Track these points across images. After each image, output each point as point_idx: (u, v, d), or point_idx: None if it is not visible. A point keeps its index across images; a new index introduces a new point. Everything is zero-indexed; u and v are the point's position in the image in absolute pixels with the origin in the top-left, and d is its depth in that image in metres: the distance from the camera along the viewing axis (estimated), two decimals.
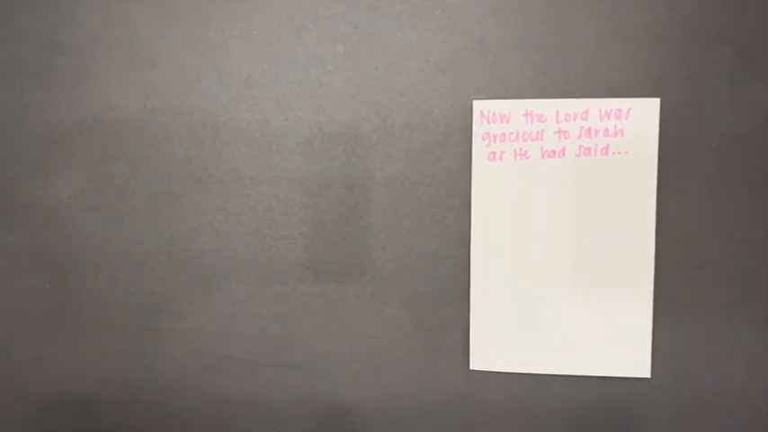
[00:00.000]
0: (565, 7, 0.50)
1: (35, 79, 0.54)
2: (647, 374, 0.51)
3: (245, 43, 0.52)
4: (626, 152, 0.50)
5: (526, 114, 0.51)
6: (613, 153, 0.50)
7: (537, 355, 0.52)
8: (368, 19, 0.51)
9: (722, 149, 0.49)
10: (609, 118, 0.50)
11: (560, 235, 0.51)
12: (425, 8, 0.51)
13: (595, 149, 0.50)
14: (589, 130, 0.50)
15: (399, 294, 0.53)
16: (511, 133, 0.51)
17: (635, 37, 0.49)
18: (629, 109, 0.50)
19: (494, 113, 0.51)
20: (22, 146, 0.55)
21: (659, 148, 0.50)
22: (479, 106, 0.51)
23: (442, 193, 0.52)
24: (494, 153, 0.51)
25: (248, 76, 0.53)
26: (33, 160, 0.55)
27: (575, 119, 0.50)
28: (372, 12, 0.51)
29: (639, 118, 0.50)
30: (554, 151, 0.51)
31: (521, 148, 0.51)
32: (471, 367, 0.53)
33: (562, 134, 0.50)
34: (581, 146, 0.50)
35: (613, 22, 0.49)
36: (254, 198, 0.54)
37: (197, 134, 0.54)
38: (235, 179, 0.54)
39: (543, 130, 0.51)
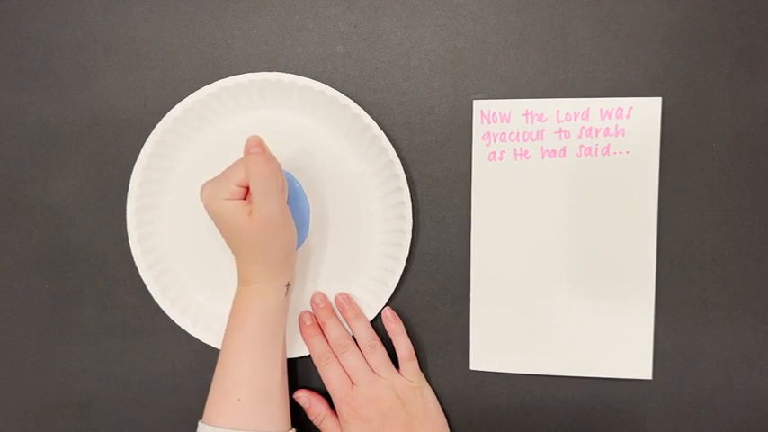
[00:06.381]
0: (565, 7, 0.49)
1: (35, 79, 0.54)
2: (649, 376, 0.51)
3: (245, 43, 0.52)
4: (627, 152, 0.50)
5: (526, 114, 0.50)
6: (614, 153, 0.50)
7: (537, 355, 0.52)
8: (368, 19, 0.51)
9: (724, 149, 0.49)
10: (610, 117, 0.50)
11: (561, 235, 0.51)
12: (425, 8, 0.51)
13: (596, 149, 0.50)
14: (590, 129, 0.50)
15: (399, 294, 0.53)
16: (511, 133, 0.51)
17: (635, 36, 0.49)
18: (631, 108, 0.49)
19: (494, 113, 0.51)
20: (22, 146, 0.55)
21: (661, 147, 0.49)
22: (479, 106, 0.51)
23: (441, 192, 0.52)
24: (494, 153, 0.51)
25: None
26: (33, 160, 0.55)
27: (575, 118, 0.50)
28: (372, 12, 0.51)
29: (641, 117, 0.49)
30: (555, 151, 0.51)
31: (521, 148, 0.51)
32: (471, 368, 0.53)
33: (563, 134, 0.50)
34: (582, 145, 0.50)
35: (614, 21, 0.49)
36: None
37: None
38: None
39: (544, 130, 0.50)
